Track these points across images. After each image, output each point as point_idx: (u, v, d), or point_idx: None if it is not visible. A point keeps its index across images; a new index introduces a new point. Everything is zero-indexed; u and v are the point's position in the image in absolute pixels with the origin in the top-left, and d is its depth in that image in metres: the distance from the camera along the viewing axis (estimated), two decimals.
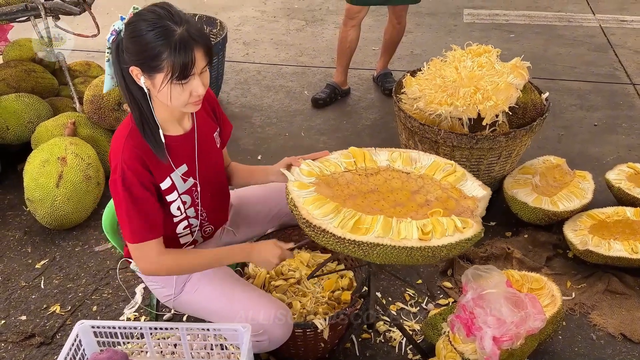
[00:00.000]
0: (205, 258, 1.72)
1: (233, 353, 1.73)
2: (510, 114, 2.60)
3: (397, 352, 2.11)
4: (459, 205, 1.66)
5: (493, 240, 2.61)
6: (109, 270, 2.52)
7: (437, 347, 1.93)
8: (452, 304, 2.24)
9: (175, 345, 1.77)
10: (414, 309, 2.29)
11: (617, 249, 2.32)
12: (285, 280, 2.02)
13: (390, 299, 2.34)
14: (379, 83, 3.99)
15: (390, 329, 2.18)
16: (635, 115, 3.66)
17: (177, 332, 1.71)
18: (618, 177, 2.73)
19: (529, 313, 1.64)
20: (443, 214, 1.60)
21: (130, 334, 1.73)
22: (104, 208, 2.00)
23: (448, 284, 2.39)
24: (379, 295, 2.33)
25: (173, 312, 2.24)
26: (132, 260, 1.85)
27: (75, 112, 3.12)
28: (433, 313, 2.12)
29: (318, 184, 1.72)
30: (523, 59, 2.73)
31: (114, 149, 1.62)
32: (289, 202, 1.63)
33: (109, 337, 1.71)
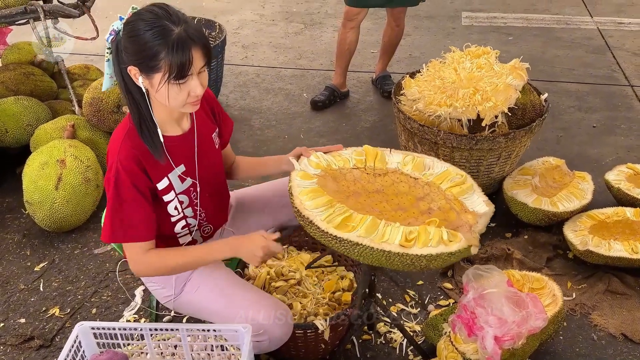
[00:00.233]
0: (191, 255, 1.69)
1: (233, 354, 1.73)
2: (510, 115, 2.60)
3: (397, 353, 2.10)
4: (459, 219, 1.60)
5: (493, 241, 2.60)
6: (109, 273, 2.51)
7: (438, 347, 1.93)
8: (452, 305, 2.24)
9: (176, 347, 1.76)
10: (415, 310, 2.28)
11: (617, 249, 2.32)
12: (286, 281, 2.01)
13: (391, 300, 2.33)
14: (378, 85, 4.00)
15: (391, 330, 2.17)
16: (634, 117, 3.66)
17: (177, 333, 1.70)
18: (617, 177, 2.73)
19: (531, 312, 1.64)
20: (440, 224, 1.56)
21: (131, 335, 1.72)
22: (104, 210, 1.98)
23: (448, 285, 2.39)
24: (379, 297, 2.32)
25: (173, 313, 2.24)
26: None
27: (74, 114, 3.11)
28: (434, 314, 2.11)
29: (323, 177, 1.73)
30: (521, 61, 2.73)
31: (111, 149, 1.63)
32: (289, 189, 1.65)
33: (109, 338, 1.70)
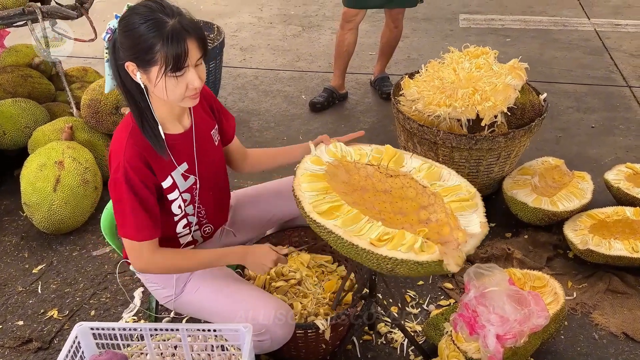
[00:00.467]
0: (199, 258, 1.71)
1: (234, 354, 1.71)
2: (509, 115, 2.60)
3: (398, 353, 2.09)
4: (450, 234, 1.59)
5: (493, 241, 2.60)
6: (107, 275, 2.49)
7: (439, 347, 1.92)
8: (453, 304, 2.23)
9: (176, 347, 1.74)
10: (415, 310, 2.27)
11: (617, 248, 2.31)
12: (286, 282, 2.00)
13: (391, 301, 2.32)
14: (377, 87, 4.00)
15: (392, 331, 2.16)
16: (632, 117, 3.67)
17: (177, 333, 1.69)
18: (617, 177, 2.73)
19: (532, 310, 1.63)
20: (430, 236, 1.57)
21: (130, 336, 1.71)
22: (102, 212, 1.98)
23: (449, 285, 2.38)
24: (380, 297, 2.31)
25: (173, 314, 2.22)
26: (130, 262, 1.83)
27: (73, 117, 3.10)
28: (435, 313, 2.10)
29: (336, 166, 1.76)
30: (520, 62, 2.73)
31: (115, 149, 1.61)
32: (295, 169, 1.75)
33: (109, 339, 1.69)
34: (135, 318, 2.26)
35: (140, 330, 1.67)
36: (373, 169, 1.80)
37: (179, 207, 1.72)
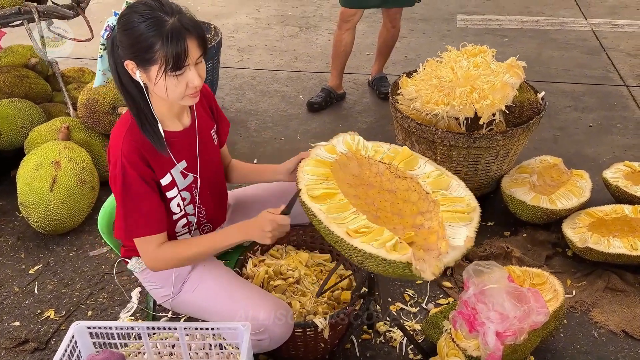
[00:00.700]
0: (203, 243, 1.69)
1: (232, 353, 1.70)
2: (507, 113, 2.59)
3: (397, 352, 2.08)
4: (435, 243, 1.56)
5: (492, 240, 2.59)
6: (104, 275, 2.48)
7: (439, 345, 1.91)
8: (452, 302, 2.22)
9: (174, 346, 1.73)
10: (414, 309, 2.26)
11: (616, 246, 2.31)
12: (284, 280, 1.99)
13: (390, 300, 2.31)
14: (374, 87, 3.99)
15: (391, 329, 2.15)
16: (630, 116, 3.67)
17: (175, 332, 1.67)
18: (615, 175, 2.73)
19: (532, 307, 1.62)
20: (415, 240, 1.57)
21: (128, 335, 1.69)
22: (99, 212, 1.96)
23: (448, 284, 2.37)
24: (378, 295, 2.30)
25: (171, 314, 2.21)
26: (128, 261, 1.82)
27: (69, 117, 3.09)
28: (434, 312, 2.09)
29: (349, 158, 1.78)
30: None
31: (113, 145, 1.60)
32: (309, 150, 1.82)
33: (106, 338, 1.67)
34: (133, 318, 2.25)
35: (138, 329, 1.66)
36: (384, 167, 1.80)
37: (178, 205, 1.71)
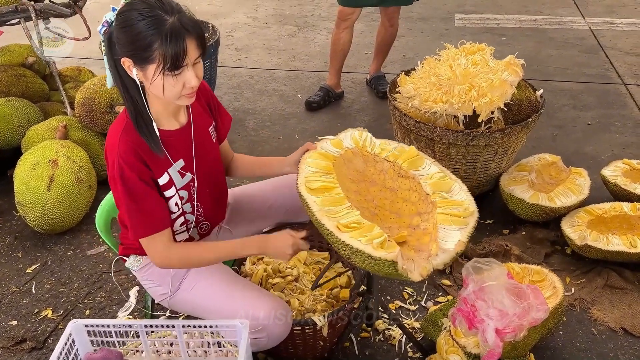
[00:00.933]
0: (218, 250, 1.68)
1: (230, 351, 1.69)
2: (506, 111, 2.59)
3: (397, 350, 2.07)
4: (427, 245, 1.56)
5: (491, 238, 2.59)
6: (102, 274, 2.47)
7: (438, 342, 1.90)
8: (451, 301, 2.21)
9: (172, 345, 1.72)
10: (413, 307, 2.26)
11: (615, 243, 2.30)
12: (283, 278, 1.98)
13: (389, 298, 2.31)
14: (373, 86, 3.99)
15: (390, 327, 2.15)
16: (628, 114, 3.67)
17: (173, 330, 1.66)
18: (614, 173, 2.72)
19: (532, 304, 1.62)
20: (408, 240, 1.56)
21: (126, 333, 1.68)
22: (96, 211, 1.95)
23: (447, 282, 2.36)
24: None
25: (169, 313, 2.20)
26: (126, 259, 1.81)
27: (67, 116, 3.08)
28: (433, 309, 2.09)
29: (354, 153, 1.78)
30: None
31: (110, 145, 1.59)
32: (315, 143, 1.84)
33: (104, 336, 1.67)
34: (131, 317, 2.24)
35: (136, 327, 1.65)
36: (389, 166, 1.80)
37: (176, 204, 1.70)
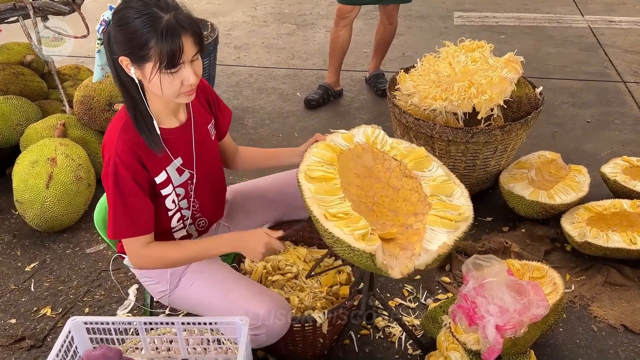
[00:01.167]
0: (193, 249, 1.67)
1: (230, 348, 1.69)
2: (505, 108, 2.58)
3: (396, 347, 2.07)
4: (414, 244, 1.54)
5: (490, 235, 2.58)
6: (101, 272, 2.46)
7: (438, 339, 1.90)
8: (450, 298, 2.21)
9: (171, 342, 1.72)
10: (413, 305, 2.25)
11: (615, 240, 2.30)
12: (283, 275, 1.98)
13: (389, 295, 2.30)
14: (372, 84, 3.98)
15: (390, 325, 2.14)
16: (627, 112, 3.67)
17: (172, 327, 1.66)
18: (613, 170, 2.72)
19: (532, 300, 1.61)
20: (397, 238, 1.56)
21: (125, 330, 1.68)
22: (95, 209, 1.95)
23: (446, 279, 2.36)
24: (377, 291, 2.29)
25: (168, 310, 2.20)
26: (125, 256, 1.81)
27: (65, 114, 3.07)
28: (433, 306, 2.09)
29: (364, 149, 1.79)
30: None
31: (108, 142, 1.58)
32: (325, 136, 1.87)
33: (103, 333, 1.66)
34: (130, 315, 2.23)
35: (135, 324, 1.64)
36: (396, 165, 1.80)
37: (173, 201, 1.69)
